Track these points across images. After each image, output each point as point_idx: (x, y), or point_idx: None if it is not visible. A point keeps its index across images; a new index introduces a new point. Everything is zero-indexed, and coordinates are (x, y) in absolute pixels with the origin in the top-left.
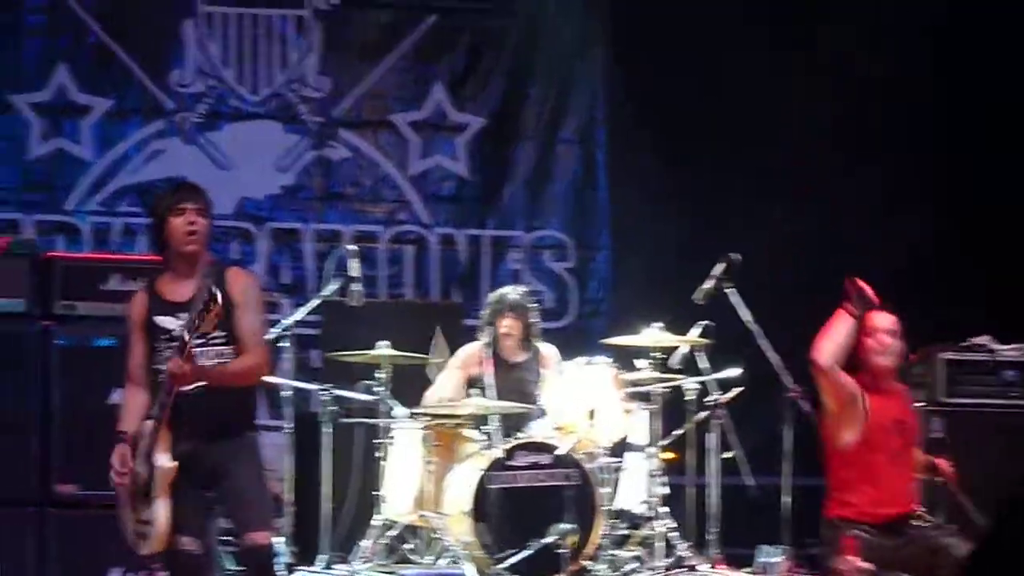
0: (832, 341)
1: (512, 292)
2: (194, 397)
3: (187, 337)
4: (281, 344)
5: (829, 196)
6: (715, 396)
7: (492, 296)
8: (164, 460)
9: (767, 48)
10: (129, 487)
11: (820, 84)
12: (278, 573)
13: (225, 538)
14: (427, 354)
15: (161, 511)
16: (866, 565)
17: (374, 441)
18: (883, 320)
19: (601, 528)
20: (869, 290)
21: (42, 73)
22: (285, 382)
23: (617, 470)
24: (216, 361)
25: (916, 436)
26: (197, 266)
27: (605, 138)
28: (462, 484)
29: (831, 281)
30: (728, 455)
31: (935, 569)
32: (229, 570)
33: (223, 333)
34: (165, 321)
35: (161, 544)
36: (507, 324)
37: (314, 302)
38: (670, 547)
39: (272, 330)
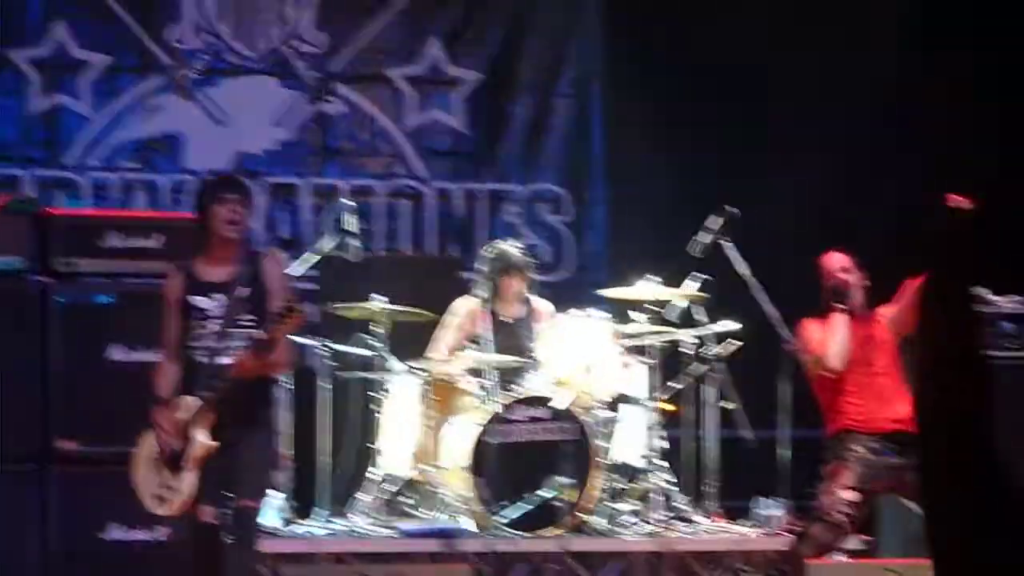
0: (838, 344)
1: (515, 250)
2: (232, 383)
3: (265, 334)
4: None
5: (826, 148)
6: (712, 349)
7: (492, 252)
8: (204, 437)
9: None
10: (161, 452)
11: (816, 34)
12: (277, 527)
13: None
14: (424, 309)
15: (189, 482)
16: (850, 495)
17: (371, 395)
18: (835, 262)
19: (599, 482)
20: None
21: (41, 29)
22: None
23: (615, 424)
24: (246, 344)
25: (893, 351)
26: (234, 251)
27: (601, 91)
28: (460, 438)
29: (828, 233)
30: (727, 405)
31: None
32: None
33: (254, 318)
34: (199, 301)
35: (180, 511)
36: (515, 284)
37: (311, 257)
38: (668, 500)
39: None
